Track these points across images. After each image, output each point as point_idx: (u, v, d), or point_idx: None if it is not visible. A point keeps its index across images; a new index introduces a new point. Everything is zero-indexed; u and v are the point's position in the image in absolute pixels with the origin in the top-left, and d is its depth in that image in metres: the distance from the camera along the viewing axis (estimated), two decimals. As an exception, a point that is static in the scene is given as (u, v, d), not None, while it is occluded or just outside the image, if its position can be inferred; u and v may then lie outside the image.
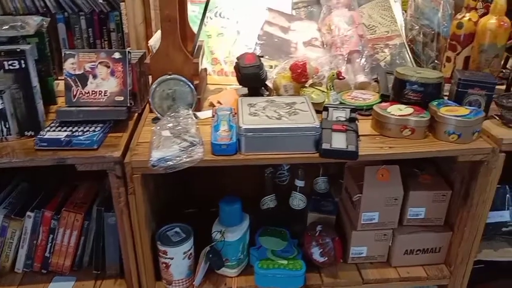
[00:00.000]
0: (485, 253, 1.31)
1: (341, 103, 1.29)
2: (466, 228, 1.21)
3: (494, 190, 1.17)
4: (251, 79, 1.26)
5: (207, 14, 1.58)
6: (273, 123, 1.05)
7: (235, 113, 1.14)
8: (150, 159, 0.99)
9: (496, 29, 1.22)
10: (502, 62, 1.35)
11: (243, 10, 1.58)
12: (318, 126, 1.04)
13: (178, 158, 0.98)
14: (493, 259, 1.32)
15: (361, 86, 1.40)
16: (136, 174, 1.04)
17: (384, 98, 1.27)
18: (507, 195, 1.34)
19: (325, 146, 1.02)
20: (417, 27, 1.50)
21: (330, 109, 1.16)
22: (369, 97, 1.31)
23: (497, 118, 1.20)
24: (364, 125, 1.18)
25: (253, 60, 1.27)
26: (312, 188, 1.44)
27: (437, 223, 1.27)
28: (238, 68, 1.27)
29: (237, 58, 1.30)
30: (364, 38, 1.48)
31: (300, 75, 1.29)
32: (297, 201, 1.36)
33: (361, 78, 1.41)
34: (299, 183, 1.35)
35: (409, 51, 1.52)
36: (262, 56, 1.39)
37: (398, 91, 1.20)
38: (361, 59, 1.44)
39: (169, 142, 1.01)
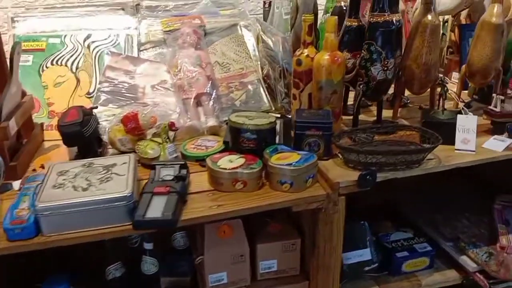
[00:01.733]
0: (350, 294, 1.26)
1: (183, 154, 1.19)
2: (320, 276, 1.14)
3: (342, 234, 1.11)
4: (72, 138, 1.12)
5: (42, 62, 1.44)
6: (76, 196, 0.91)
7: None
8: None
9: (330, 65, 1.18)
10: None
11: (83, 56, 1.45)
12: (129, 195, 0.92)
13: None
14: (360, 300, 1.27)
15: (212, 131, 1.31)
16: None
17: (227, 145, 1.18)
18: (367, 233, 1.29)
19: (137, 216, 0.91)
20: (266, 63, 1.45)
21: (157, 167, 1.05)
22: (213, 144, 1.22)
23: (340, 157, 1.16)
24: (204, 179, 1.09)
25: (75, 117, 1.13)
26: (170, 245, 1.31)
27: (292, 273, 1.19)
28: (58, 126, 1.13)
29: (61, 115, 1.17)
30: (212, 80, 1.39)
31: (134, 129, 1.18)
32: (148, 265, 1.22)
33: (211, 122, 1.32)
34: (147, 245, 1.22)
35: (264, 88, 1.46)
36: (95, 107, 1.27)
37: (234, 139, 1.12)
38: (209, 102, 1.36)
39: None
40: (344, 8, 1.40)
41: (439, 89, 1.32)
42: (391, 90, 1.34)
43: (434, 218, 1.51)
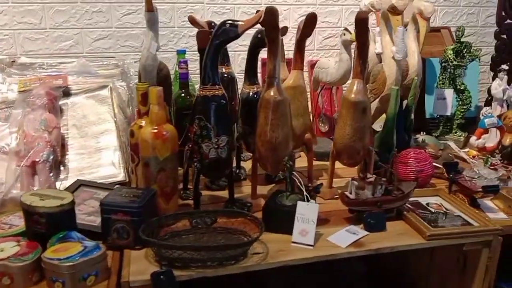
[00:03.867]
0: None
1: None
2: None
3: None
4: None
5: None
6: None
7: None
8: None
9: (154, 141, 1.05)
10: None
11: None
12: None
13: None
14: None
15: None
16: None
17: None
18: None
19: None
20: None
21: None
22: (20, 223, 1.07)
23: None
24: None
25: None
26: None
27: None
28: None
29: None
30: (53, 146, 1.26)
31: None
32: None
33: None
34: None
35: (120, 155, 1.32)
36: None
37: (26, 221, 0.97)
38: (45, 170, 1.22)
39: None
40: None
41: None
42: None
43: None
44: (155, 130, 1.06)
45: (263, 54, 1.18)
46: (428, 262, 1.37)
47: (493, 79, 1.82)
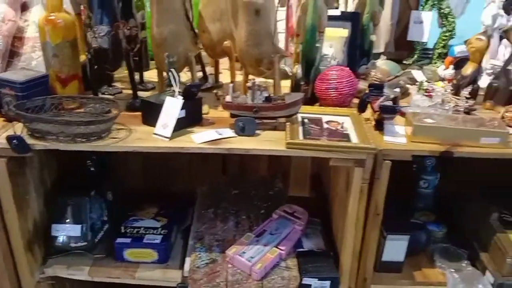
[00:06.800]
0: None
1: None
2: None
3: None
4: None
5: None
6: None
7: None
8: None
9: (44, 27, 1.14)
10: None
11: None
12: None
13: None
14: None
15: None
16: None
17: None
18: (86, 209, 1.24)
19: None
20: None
21: None
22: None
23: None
24: None
25: None
26: None
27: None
28: None
29: None
30: (7, 36, 1.41)
31: None
32: None
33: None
34: None
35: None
36: None
37: None
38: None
39: None
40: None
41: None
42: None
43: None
44: (50, 17, 1.14)
45: None
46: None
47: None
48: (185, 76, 1.33)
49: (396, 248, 1.22)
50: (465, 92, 1.25)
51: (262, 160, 1.64)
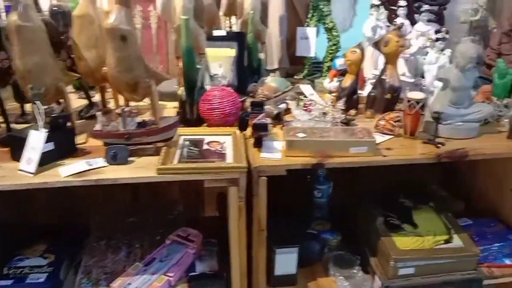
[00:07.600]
0: None
1: None
2: None
3: None
4: None
5: None
6: None
7: None
8: None
9: None
10: None
11: None
12: None
13: None
14: None
15: None
16: None
17: None
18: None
19: None
20: None
21: None
22: None
23: None
24: None
25: None
26: None
27: None
28: None
29: None
30: None
31: None
32: None
33: None
34: None
35: None
36: None
37: None
38: None
39: None
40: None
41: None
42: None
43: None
44: None
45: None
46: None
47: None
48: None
49: (287, 261, 1.24)
50: (339, 104, 1.30)
51: (172, 183, 1.62)
